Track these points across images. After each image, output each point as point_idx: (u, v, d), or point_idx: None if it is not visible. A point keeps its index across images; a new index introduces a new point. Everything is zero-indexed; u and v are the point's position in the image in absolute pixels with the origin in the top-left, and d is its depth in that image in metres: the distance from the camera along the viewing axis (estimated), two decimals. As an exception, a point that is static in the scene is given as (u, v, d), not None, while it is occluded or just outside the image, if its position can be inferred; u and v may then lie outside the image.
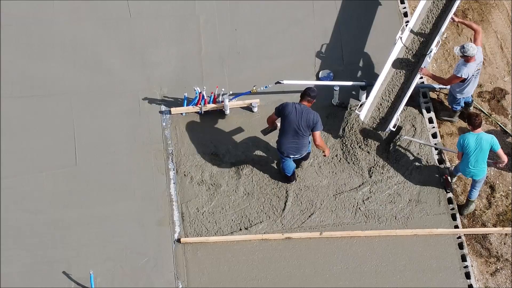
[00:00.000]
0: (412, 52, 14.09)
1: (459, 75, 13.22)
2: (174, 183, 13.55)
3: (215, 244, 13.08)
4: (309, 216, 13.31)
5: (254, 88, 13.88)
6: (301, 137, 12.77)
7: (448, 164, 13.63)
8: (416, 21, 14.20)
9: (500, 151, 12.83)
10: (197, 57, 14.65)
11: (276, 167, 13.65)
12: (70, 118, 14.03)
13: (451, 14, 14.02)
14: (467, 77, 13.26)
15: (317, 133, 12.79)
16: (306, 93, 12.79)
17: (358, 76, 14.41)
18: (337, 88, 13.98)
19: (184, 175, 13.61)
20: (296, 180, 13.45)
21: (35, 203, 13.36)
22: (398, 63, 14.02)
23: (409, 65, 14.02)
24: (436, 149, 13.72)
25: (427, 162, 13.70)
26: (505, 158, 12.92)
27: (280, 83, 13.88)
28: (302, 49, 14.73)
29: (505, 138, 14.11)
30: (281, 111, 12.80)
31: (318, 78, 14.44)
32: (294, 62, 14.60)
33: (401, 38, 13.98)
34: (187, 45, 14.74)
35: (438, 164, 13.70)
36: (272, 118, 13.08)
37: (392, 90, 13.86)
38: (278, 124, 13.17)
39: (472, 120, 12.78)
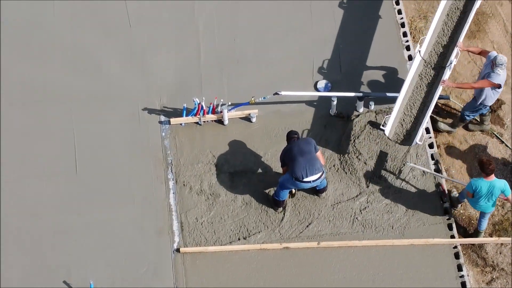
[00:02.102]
0: (431, 65, 14.16)
1: (496, 81, 13.38)
2: (173, 193, 13.68)
3: (214, 254, 13.21)
4: (307, 226, 13.44)
5: (252, 99, 14.00)
6: (309, 154, 12.96)
7: (454, 193, 13.69)
8: (432, 35, 14.29)
9: (510, 196, 12.93)
10: (196, 66, 14.78)
11: (275, 177, 13.76)
12: (70, 125, 14.16)
13: (467, 26, 14.16)
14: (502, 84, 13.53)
15: (318, 153, 13.19)
16: (292, 135, 13.25)
17: (356, 86, 14.53)
18: (335, 99, 14.10)
19: (184, 184, 13.74)
20: (284, 209, 13.58)
21: (35, 209, 13.50)
22: (418, 77, 14.08)
23: (428, 78, 14.09)
24: (437, 175, 13.81)
25: (423, 172, 13.83)
26: None
27: (278, 94, 14.01)
28: (301, 58, 14.87)
29: (501, 148, 14.26)
30: (285, 154, 13.11)
31: (316, 88, 14.57)
32: (293, 71, 14.73)
33: (419, 51, 14.05)
34: (187, 53, 14.87)
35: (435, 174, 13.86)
36: (284, 169, 13.31)
37: (414, 105, 13.90)
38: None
39: (484, 168, 12.71)
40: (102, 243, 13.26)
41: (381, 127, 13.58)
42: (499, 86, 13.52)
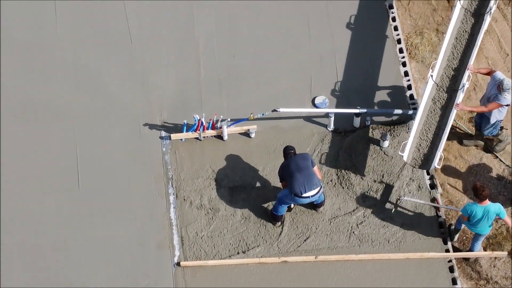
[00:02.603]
0: (443, 89, 14.28)
1: (505, 103, 13.67)
2: (174, 207, 13.94)
3: (213, 268, 13.48)
4: (305, 240, 13.71)
5: (251, 115, 14.27)
6: (306, 169, 13.22)
7: (453, 226, 13.87)
8: (442, 58, 14.43)
9: (506, 218, 13.14)
10: (196, 82, 15.05)
11: (273, 192, 14.03)
12: (73, 141, 14.42)
13: (476, 49, 14.32)
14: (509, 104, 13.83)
15: (315, 168, 13.45)
16: (288, 150, 13.53)
17: (353, 102, 14.79)
18: (332, 115, 14.38)
19: (184, 199, 14.01)
20: (282, 224, 13.83)
21: (38, 224, 13.75)
22: (431, 101, 14.21)
23: (442, 102, 14.22)
24: (436, 207, 13.99)
25: (419, 187, 14.10)
26: (510, 223, 13.26)
27: (277, 110, 14.28)
28: (299, 74, 15.14)
29: (495, 163, 14.51)
30: (283, 170, 13.40)
31: (313, 104, 14.84)
32: (291, 87, 15.01)
33: (432, 76, 14.20)
34: (187, 70, 15.14)
35: (430, 189, 14.11)
36: (283, 183, 13.58)
37: (429, 129, 14.01)
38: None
39: (478, 194, 12.86)
40: (104, 257, 13.51)
41: (399, 152, 13.72)
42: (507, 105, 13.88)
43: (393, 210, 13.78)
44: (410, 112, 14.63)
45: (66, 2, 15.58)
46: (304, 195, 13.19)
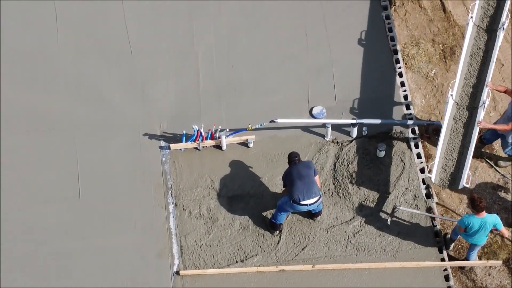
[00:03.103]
0: (463, 107, 14.35)
1: None
2: (173, 217, 14.11)
3: (212, 276, 13.64)
4: (302, 249, 13.88)
5: (249, 126, 14.45)
6: (307, 178, 13.42)
7: (448, 235, 14.03)
8: (460, 77, 14.50)
9: (503, 230, 13.31)
10: (195, 93, 15.22)
11: (271, 201, 14.21)
12: (74, 152, 14.58)
13: (492, 65, 14.41)
14: None
15: (317, 177, 13.66)
16: (293, 157, 13.68)
17: (350, 113, 14.99)
18: (329, 125, 14.56)
19: (183, 208, 14.18)
20: (280, 233, 14.01)
21: (38, 234, 13.90)
22: (453, 121, 14.27)
23: (463, 120, 14.29)
24: (432, 217, 14.14)
25: (415, 196, 14.28)
26: (507, 235, 13.45)
27: (274, 121, 14.47)
28: (296, 85, 15.32)
29: (490, 173, 14.69)
30: (286, 177, 13.59)
31: (311, 114, 15.02)
32: (289, 97, 15.18)
33: (452, 95, 14.24)
34: (186, 81, 15.32)
35: (426, 199, 14.29)
36: (286, 189, 13.80)
37: (453, 149, 14.09)
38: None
39: (475, 205, 12.97)
40: (104, 266, 13.66)
41: (427, 174, 13.91)
42: None
43: (389, 219, 13.96)
44: (407, 122, 14.82)
45: (67, 12, 15.76)
46: (302, 202, 13.37)
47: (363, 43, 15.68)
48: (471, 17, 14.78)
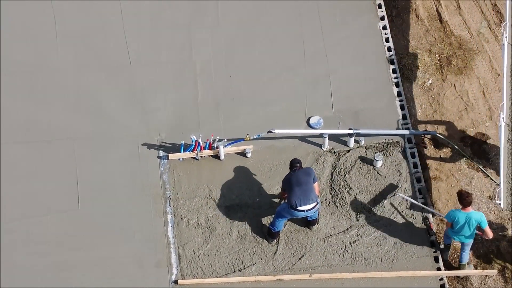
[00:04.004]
0: None
1: None
2: (171, 226, 14.23)
3: (210, 286, 13.75)
4: (300, 259, 14.00)
5: (247, 136, 14.58)
6: (305, 184, 13.56)
7: (441, 246, 14.15)
8: (506, 98, 14.46)
9: (487, 229, 13.43)
10: (194, 103, 15.36)
11: (269, 211, 14.33)
12: (73, 162, 14.71)
13: None
14: None
15: (316, 184, 13.80)
16: (295, 164, 13.81)
17: (347, 123, 15.11)
18: (326, 135, 14.69)
19: (181, 218, 14.31)
20: (277, 242, 14.13)
21: (38, 245, 14.00)
22: (508, 143, 14.24)
23: None
24: (423, 208, 14.28)
25: (411, 206, 14.39)
26: (490, 235, 13.54)
27: (272, 132, 14.60)
28: (294, 95, 15.45)
29: (486, 182, 14.81)
30: (285, 182, 13.74)
31: (308, 124, 15.15)
32: (286, 108, 15.32)
33: (503, 118, 14.21)
34: (185, 92, 15.46)
35: (422, 207, 14.42)
36: (283, 194, 14.01)
37: None
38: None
39: (462, 199, 13.22)
40: (104, 275, 13.76)
41: (496, 201, 13.99)
42: None
43: (385, 201, 14.06)
44: (403, 132, 14.95)
45: (67, 24, 15.91)
46: (299, 208, 13.49)
47: (360, 54, 15.81)
48: (506, 36, 14.70)
